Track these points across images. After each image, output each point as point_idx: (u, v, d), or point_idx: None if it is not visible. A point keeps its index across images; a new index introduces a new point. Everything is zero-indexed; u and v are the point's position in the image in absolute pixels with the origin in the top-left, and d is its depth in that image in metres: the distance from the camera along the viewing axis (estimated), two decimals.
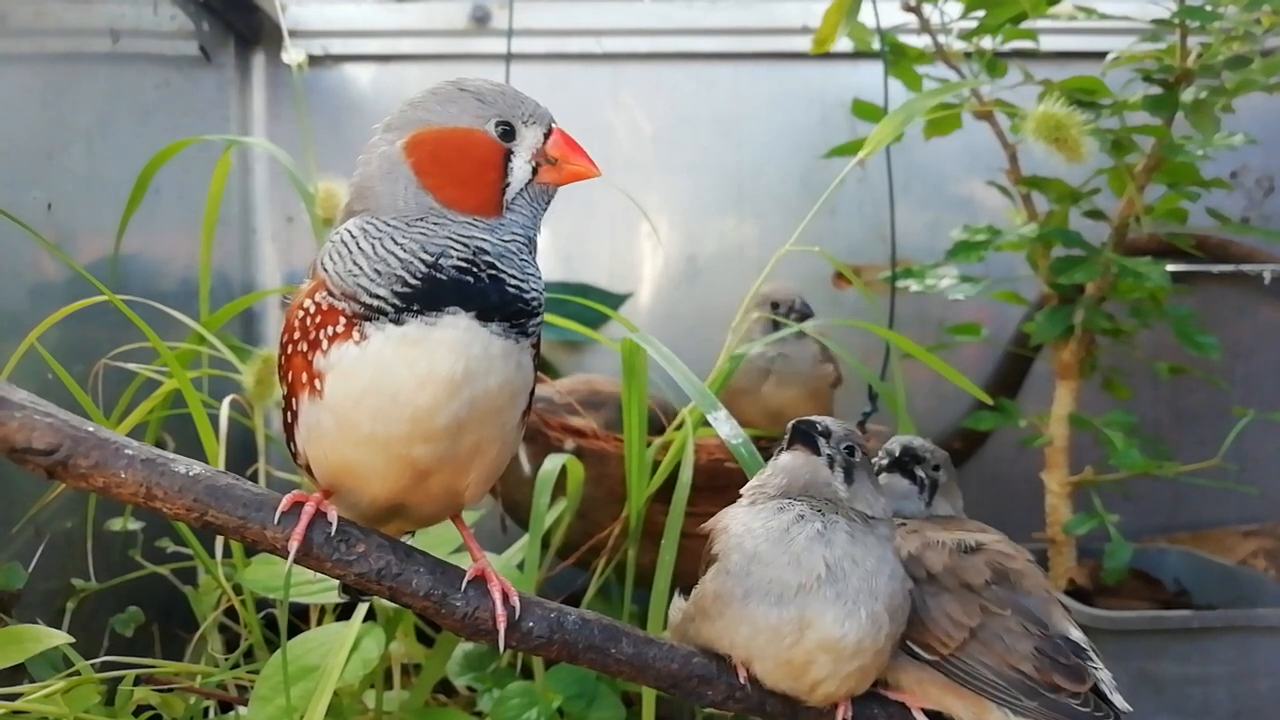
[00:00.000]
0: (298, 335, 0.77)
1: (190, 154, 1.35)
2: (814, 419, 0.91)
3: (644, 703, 1.05)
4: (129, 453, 0.76)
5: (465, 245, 0.76)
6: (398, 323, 0.74)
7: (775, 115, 1.93)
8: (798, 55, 1.82)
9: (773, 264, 1.28)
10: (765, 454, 1.00)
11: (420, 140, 0.79)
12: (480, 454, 0.79)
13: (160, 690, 1.14)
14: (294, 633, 1.04)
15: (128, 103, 1.44)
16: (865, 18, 1.52)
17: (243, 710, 1.15)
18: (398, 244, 0.75)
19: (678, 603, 0.94)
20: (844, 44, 1.57)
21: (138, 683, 1.12)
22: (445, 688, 1.32)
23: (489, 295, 0.75)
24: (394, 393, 0.74)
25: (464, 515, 0.90)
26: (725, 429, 1.05)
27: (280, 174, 1.78)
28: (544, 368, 1.60)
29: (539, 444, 1.35)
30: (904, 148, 1.66)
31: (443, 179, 0.78)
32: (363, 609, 1.02)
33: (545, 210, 0.82)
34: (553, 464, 1.23)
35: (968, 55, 1.49)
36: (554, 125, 0.81)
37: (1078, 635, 0.90)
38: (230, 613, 1.28)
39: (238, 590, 1.21)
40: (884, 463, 1.04)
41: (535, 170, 0.80)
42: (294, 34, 1.76)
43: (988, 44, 1.47)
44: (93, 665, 1.08)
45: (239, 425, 1.31)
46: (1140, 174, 1.41)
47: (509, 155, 0.79)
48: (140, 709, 1.12)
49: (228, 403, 1.23)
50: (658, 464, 1.24)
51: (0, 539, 1.12)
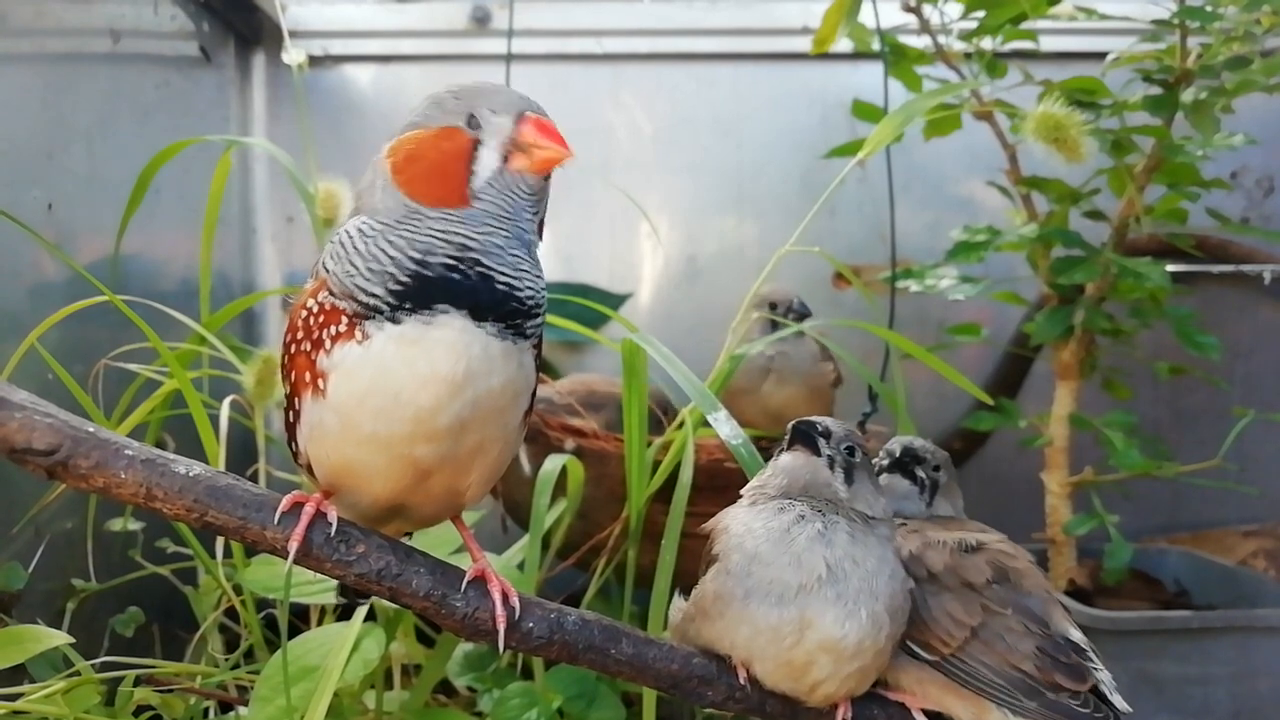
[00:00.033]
0: (301, 335, 0.78)
1: (190, 154, 1.35)
2: (814, 419, 0.91)
3: (644, 703, 1.05)
4: (129, 453, 0.76)
5: (449, 241, 0.76)
6: (395, 322, 0.74)
7: (775, 115, 1.93)
8: (798, 55, 1.82)
9: (773, 264, 1.28)
10: (765, 454, 1.00)
11: (400, 143, 0.80)
12: (482, 454, 0.79)
13: (160, 691, 1.14)
14: (294, 633, 1.04)
15: (128, 103, 1.44)
16: (865, 18, 1.52)
17: (243, 711, 1.15)
18: (389, 242, 0.76)
19: (678, 603, 0.94)
20: (844, 44, 1.57)
21: (138, 683, 1.12)
22: (445, 688, 1.32)
23: (479, 293, 0.75)
24: (396, 392, 0.74)
25: (464, 516, 0.90)
26: (725, 429, 1.05)
27: (280, 174, 1.78)
28: (544, 368, 1.60)
29: (539, 444, 1.35)
30: (904, 148, 1.66)
31: (410, 174, 0.78)
32: (363, 609, 1.02)
33: (529, 201, 0.79)
34: (553, 464, 1.23)
35: (968, 56, 1.49)
36: (528, 113, 0.78)
37: (1078, 636, 0.90)
38: (230, 613, 1.28)
39: (238, 590, 1.21)
40: (884, 463, 1.04)
41: (506, 159, 0.78)
42: (294, 34, 1.76)
43: (988, 44, 1.47)
44: (93, 665, 1.08)
45: (239, 426, 1.31)
46: (1140, 174, 1.41)
47: (477, 145, 0.78)
48: (140, 709, 1.12)
49: (228, 403, 1.23)
50: (658, 464, 1.24)
51: (0, 539, 1.12)
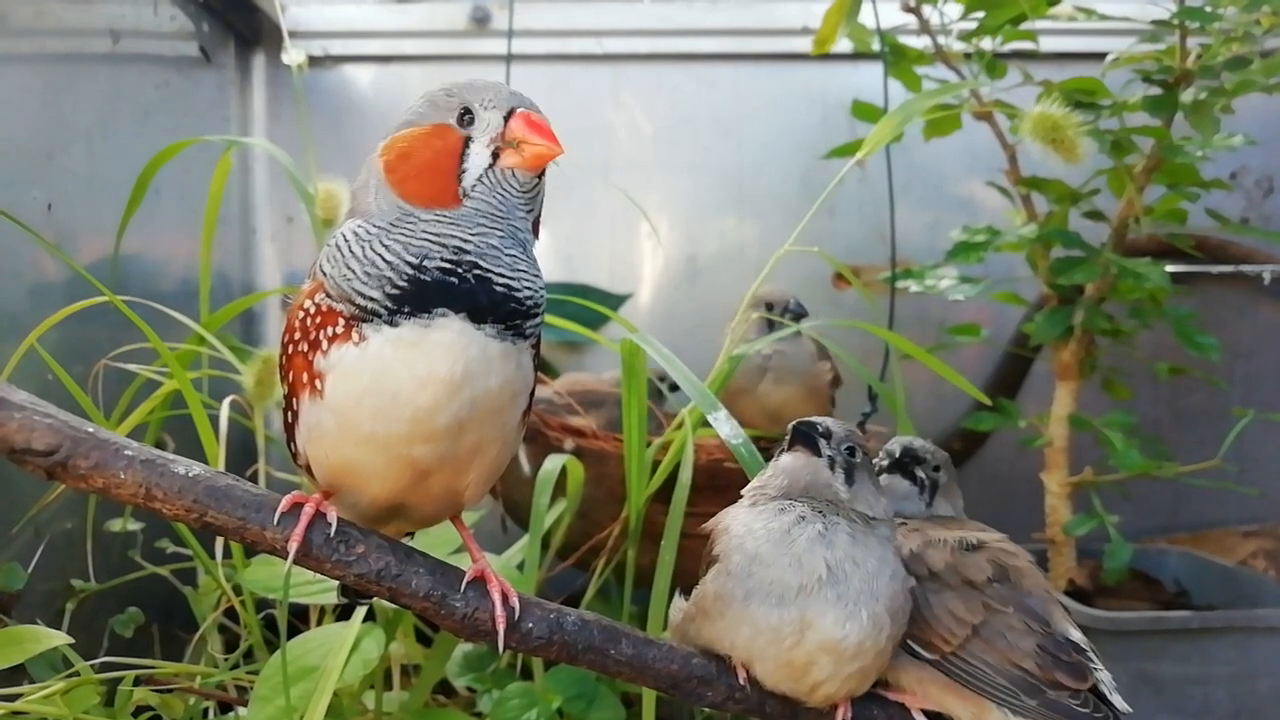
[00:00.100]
0: (298, 336, 0.78)
1: (190, 154, 1.35)
2: (814, 420, 0.91)
3: (644, 703, 1.05)
4: (129, 453, 0.76)
5: (444, 245, 0.75)
6: (393, 324, 0.74)
7: (775, 116, 1.93)
8: (798, 56, 1.83)
9: (772, 264, 1.28)
10: (765, 454, 0.99)
11: (393, 141, 0.80)
12: (481, 454, 0.79)
13: (160, 691, 1.14)
14: (294, 633, 1.04)
15: (128, 103, 1.44)
16: (865, 18, 1.53)
17: (242, 711, 1.15)
18: (385, 246, 0.75)
19: (678, 603, 0.94)
20: (844, 45, 1.57)
21: (137, 683, 1.12)
22: (445, 688, 1.32)
23: (477, 296, 0.75)
24: (394, 393, 0.74)
25: (464, 516, 0.90)
26: (725, 429, 1.05)
27: (280, 174, 1.78)
28: (544, 368, 1.60)
29: (539, 444, 1.35)
30: (904, 148, 1.66)
31: (402, 174, 0.78)
32: (362, 610, 1.02)
33: (522, 199, 0.78)
34: (553, 464, 1.23)
35: (967, 56, 1.49)
36: (519, 109, 0.77)
37: (1078, 636, 0.90)
38: (230, 613, 1.28)
39: (237, 591, 1.21)
40: (884, 463, 1.04)
41: (496, 156, 0.77)
42: (294, 34, 1.76)
43: (987, 45, 1.47)
44: (92, 666, 1.08)
45: (239, 426, 1.31)
46: (1140, 175, 1.41)
47: (467, 142, 0.78)
48: (140, 709, 1.12)
49: (228, 403, 1.23)
50: (657, 464, 1.24)
51: (0, 539, 1.12)
